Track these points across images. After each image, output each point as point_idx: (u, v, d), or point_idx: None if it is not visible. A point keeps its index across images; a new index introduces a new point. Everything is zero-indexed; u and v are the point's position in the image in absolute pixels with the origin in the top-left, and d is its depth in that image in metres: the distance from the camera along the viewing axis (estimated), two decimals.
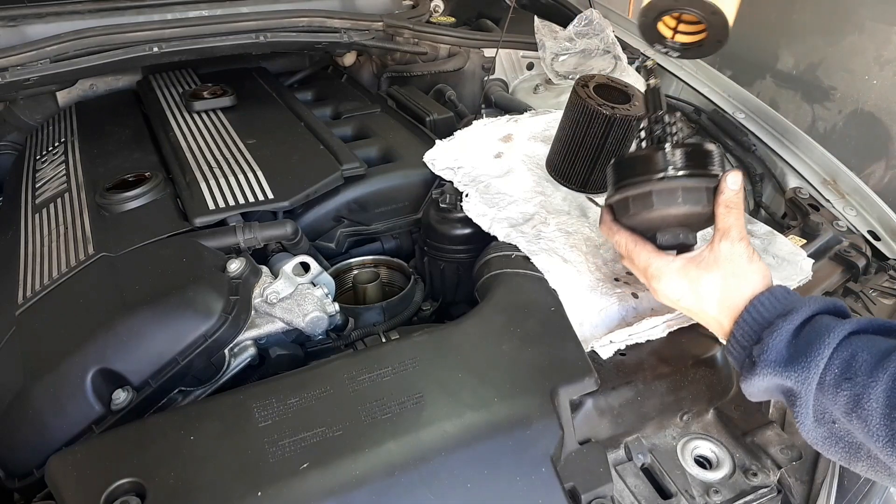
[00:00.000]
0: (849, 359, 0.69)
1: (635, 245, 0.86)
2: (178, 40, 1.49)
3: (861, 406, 0.67)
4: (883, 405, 0.65)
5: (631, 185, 0.83)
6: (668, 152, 0.81)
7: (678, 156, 0.81)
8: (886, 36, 2.38)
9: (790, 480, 0.91)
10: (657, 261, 0.85)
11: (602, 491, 0.79)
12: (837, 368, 0.69)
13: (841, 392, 0.69)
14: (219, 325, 0.89)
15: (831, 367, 0.70)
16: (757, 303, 0.78)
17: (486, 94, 1.74)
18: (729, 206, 0.81)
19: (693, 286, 0.82)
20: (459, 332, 0.90)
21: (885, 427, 0.65)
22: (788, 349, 0.73)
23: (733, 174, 0.81)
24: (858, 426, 0.68)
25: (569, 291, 0.97)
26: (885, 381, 0.65)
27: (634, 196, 0.83)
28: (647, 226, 0.87)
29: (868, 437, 0.67)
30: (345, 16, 1.67)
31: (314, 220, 1.24)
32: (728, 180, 0.81)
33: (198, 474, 0.71)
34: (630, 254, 0.87)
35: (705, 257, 0.82)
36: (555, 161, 1.18)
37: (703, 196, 0.82)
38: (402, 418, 0.77)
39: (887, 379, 0.65)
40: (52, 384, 0.84)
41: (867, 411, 0.66)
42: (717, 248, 0.81)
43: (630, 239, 0.87)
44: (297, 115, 1.50)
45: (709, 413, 0.97)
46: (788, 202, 1.28)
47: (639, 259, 0.86)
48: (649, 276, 0.86)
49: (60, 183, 1.25)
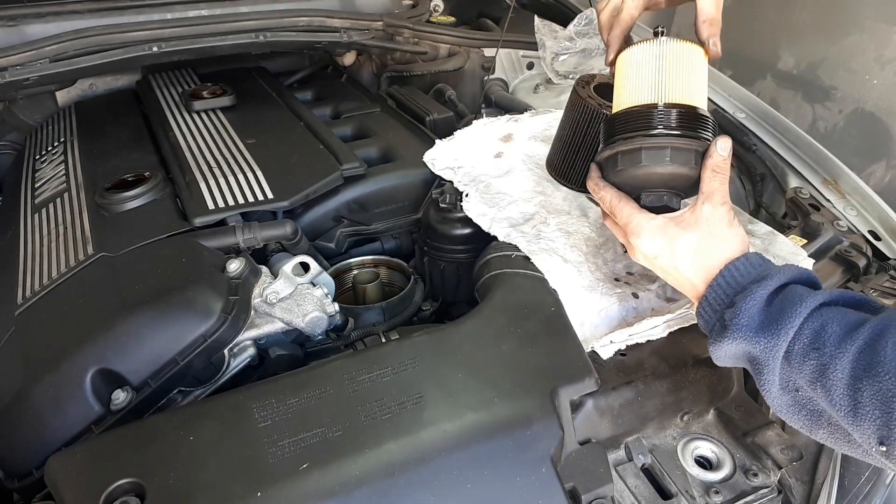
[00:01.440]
0: (818, 329, 0.70)
1: (619, 201, 0.87)
2: (177, 40, 1.49)
3: (826, 376, 0.68)
4: (848, 375, 0.67)
5: (621, 140, 0.84)
6: (662, 111, 0.81)
7: (672, 116, 0.81)
8: (887, 35, 2.38)
9: (791, 481, 0.91)
10: (638, 216, 0.85)
11: (602, 491, 0.79)
12: (807, 338, 0.70)
13: (808, 361, 0.70)
14: (218, 326, 0.89)
15: (801, 336, 0.71)
16: (732, 267, 0.79)
17: (486, 93, 1.74)
18: (716, 170, 0.81)
19: (670, 244, 0.83)
20: (459, 332, 0.89)
21: (848, 397, 0.66)
22: (760, 315, 0.74)
23: (723, 139, 0.81)
24: (822, 395, 0.69)
25: (569, 291, 0.97)
26: (852, 352, 0.67)
27: (623, 151, 0.84)
28: (633, 183, 0.87)
29: (831, 405, 0.68)
30: (344, 15, 1.67)
31: (314, 219, 1.24)
32: (718, 145, 0.81)
33: (197, 474, 0.70)
34: (613, 209, 0.88)
35: (686, 217, 0.83)
36: (555, 161, 1.18)
37: (691, 158, 0.82)
38: (401, 418, 0.77)
39: (854, 350, 0.67)
40: (51, 384, 0.84)
41: (832, 381, 0.68)
42: (698, 210, 0.82)
43: (615, 195, 0.88)
44: (296, 114, 1.50)
45: (709, 413, 0.97)
46: (789, 202, 1.28)
47: (621, 215, 0.87)
48: (629, 232, 0.86)
49: (60, 183, 1.25)
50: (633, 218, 0.85)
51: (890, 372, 0.64)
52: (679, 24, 3.66)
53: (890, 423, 0.63)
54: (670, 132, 0.81)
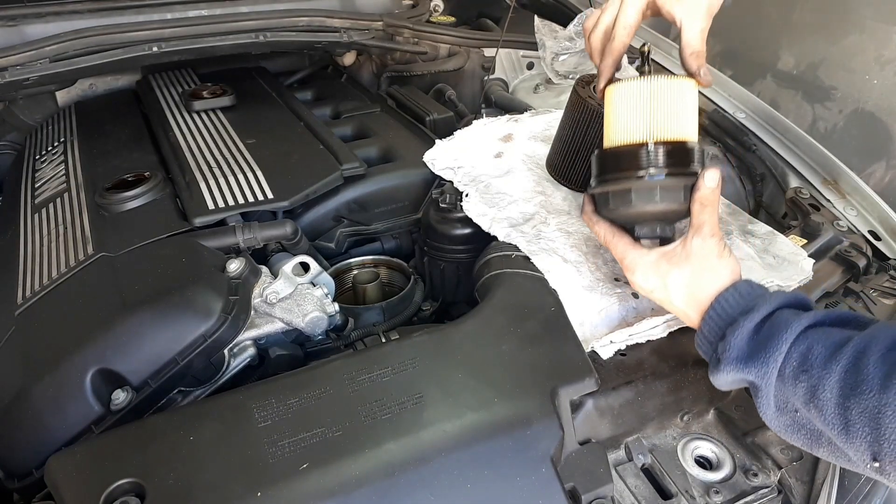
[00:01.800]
0: (805, 352, 0.71)
1: (612, 237, 0.90)
2: (177, 40, 1.49)
3: (817, 397, 0.69)
4: (836, 395, 0.68)
5: (611, 180, 0.85)
6: (652, 150, 0.82)
7: (661, 154, 0.82)
8: (887, 35, 2.38)
9: (791, 481, 0.91)
10: (632, 253, 0.88)
11: (602, 491, 0.79)
12: (795, 361, 0.72)
13: (799, 384, 0.71)
14: (218, 326, 0.89)
15: (789, 360, 0.72)
16: (721, 299, 0.81)
17: (486, 93, 1.74)
18: (704, 203, 0.83)
19: (663, 280, 0.85)
20: (459, 332, 0.89)
21: (839, 416, 0.68)
22: (749, 346, 0.76)
23: (711, 172, 0.82)
24: (816, 415, 0.71)
25: (569, 291, 0.97)
26: (838, 372, 0.68)
27: (614, 192, 0.86)
28: (625, 219, 0.90)
29: (825, 425, 0.70)
30: (344, 15, 1.67)
31: (314, 219, 1.24)
32: (705, 178, 0.82)
33: (197, 474, 0.70)
34: (608, 245, 0.91)
35: (677, 252, 0.85)
36: (555, 161, 1.18)
37: (680, 194, 0.84)
38: (401, 418, 0.77)
39: (840, 370, 0.68)
40: (51, 384, 0.84)
41: (822, 401, 0.69)
42: (688, 244, 0.84)
43: (608, 230, 0.91)
44: (296, 114, 1.50)
45: (709, 413, 0.97)
46: (789, 202, 1.28)
47: (615, 251, 0.90)
48: (624, 268, 0.90)
49: (60, 183, 1.25)
50: (628, 254, 0.88)
51: (874, 389, 0.65)
52: None
53: (880, 440, 0.64)
54: (659, 172, 0.82)
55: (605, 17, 0.94)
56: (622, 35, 0.91)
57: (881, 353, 0.66)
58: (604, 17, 0.94)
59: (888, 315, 1.03)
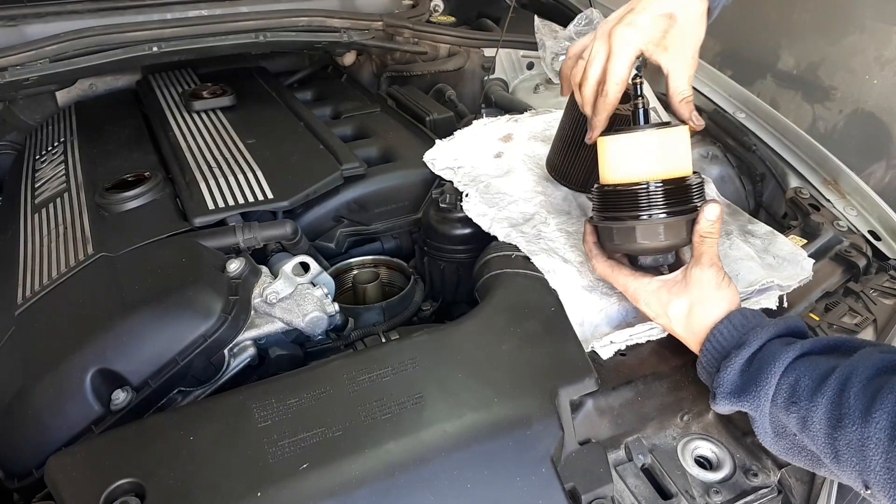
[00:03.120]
0: (793, 384, 0.74)
1: (612, 270, 0.93)
2: (177, 40, 1.49)
3: (808, 427, 0.72)
4: (825, 426, 0.70)
5: (614, 218, 0.89)
6: (653, 190, 0.85)
7: (661, 193, 0.85)
8: (887, 36, 2.38)
9: (791, 481, 0.91)
10: (634, 283, 0.91)
11: (602, 491, 0.79)
12: (785, 393, 0.75)
13: (790, 414, 0.74)
14: (218, 326, 0.89)
15: (780, 391, 0.75)
16: (716, 331, 0.84)
17: (486, 93, 1.73)
18: (704, 235, 0.85)
19: (664, 309, 0.88)
20: (459, 332, 0.89)
21: (829, 446, 0.70)
22: (741, 379, 0.79)
23: (711, 207, 0.85)
24: (810, 443, 0.73)
25: (569, 291, 0.97)
26: (824, 405, 0.70)
27: (619, 228, 0.89)
28: (629, 252, 0.93)
29: (819, 452, 0.72)
30: (344, 15, 1.67)
31: (314, 219, 1.24)
32: (706, 212, 0.85)
33: (197, 474, 0.70)
34: (608, 278, 0.94)
35: (677, 282, 0.87)
36: (555, 161, 1.18)
37: (683, 229, 0.87)
38: (402, 418, 0.77)
39: (825, 403, 0.70)
40: (51, 384, 0.84)
41: (813, 431, 0.71)
42: (689, 275, 0.86)
43: (607, 266, 0.94)
44: (296, 114, 1.50)
45: (709, 413, 0.97)
46: (789, 202, 1.28)
47: (616, 283, 0.93)
48: (628, 295, 0.93)
49: (60, 183, 1.25)
50: (630, 285, 0.91)
51: (856, 422, 0.67)
52: None
53: (867, 471, 0.66)
54: (662, 211, 0.85)
55: (592, 69, 0.91)
56: (615, 91, 0.90)
57: (861, 384, 0.68)
58: (592, 70, 0.91)
59: (888, 315, 1.03)
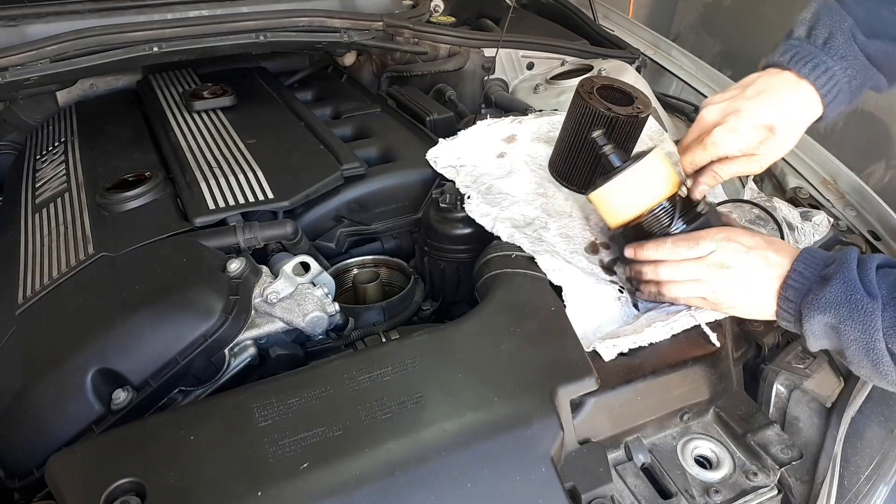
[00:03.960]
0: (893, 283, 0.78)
1: (676, 240, 0.94)
2: (177, 40, 1.49)
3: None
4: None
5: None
6: (663, 210, 0.94)
7: (673, 212, 0.94)
8: None
9: (790, 480, 0.91)
10: (702, 234, 0.93)
11: (602, 491, 0.79)
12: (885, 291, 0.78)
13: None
14: (219, 325, 0.89)
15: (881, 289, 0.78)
16: (806, 250, 0.86)
17: (487, 93, 1.74)
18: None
19: (746, 240, 0.90)
20: (459, 332, 0.90)
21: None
22: (852, 287, 0.80)
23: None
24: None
25: (570, 292, 0.97)
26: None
27: None
28: None
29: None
30: (345, 16, 1.67)
31: (314, 219, 1.24)
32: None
33: (198, 474, 0.71)
34: (679, 251, 0.94)
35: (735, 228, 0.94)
36: (557, 162, 1.18)
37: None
38: (402, 418, 0.77)
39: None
40: (52, 384, 0.84)
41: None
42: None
43: (667, 245, 0.95)
44: (297, 114, 1.50)
45: (709, 413, 0.97)
46: (789, 202, 1.28)
47: (690, 249, 0.93)
48: (712, 254, 0.91)
49: (60, 183, 1.25)
50: (699, 236, 0.92)
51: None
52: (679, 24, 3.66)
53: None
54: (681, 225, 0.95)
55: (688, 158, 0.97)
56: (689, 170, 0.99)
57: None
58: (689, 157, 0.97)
59: None
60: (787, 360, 1.04)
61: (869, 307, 0.77)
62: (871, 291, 0.78)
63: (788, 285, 0.85)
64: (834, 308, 0.80)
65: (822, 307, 0.81)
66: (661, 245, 0.93)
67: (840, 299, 0.79)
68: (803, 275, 0.84)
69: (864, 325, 0.78)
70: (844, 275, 0.80)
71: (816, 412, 0.99)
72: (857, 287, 0.79)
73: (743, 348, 1.05)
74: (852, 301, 0.78)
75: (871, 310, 0.77)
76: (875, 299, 0.77)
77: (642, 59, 1.82)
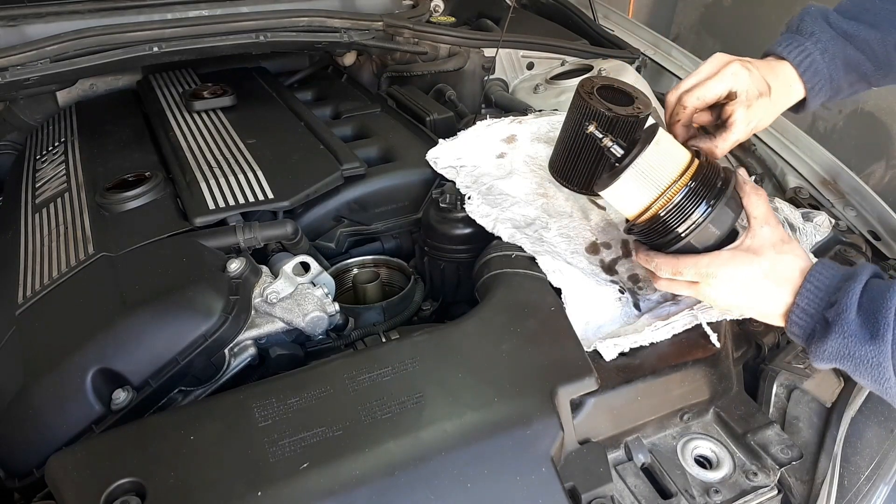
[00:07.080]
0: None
1: (678, 260, 0.88)
2: (178, 40, 1.49)
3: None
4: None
5: (662, 244, 0.89)
6: (675, 204, 0.86)
7: (687, 195, 0.86)
8: None
9: (790, 480, 0.91)
10: (704, 259, 0.86)
11: (602, 491, 0.79)
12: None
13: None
14: (219, 325, 0.89)
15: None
16: (815, 271, 0.82)
17: (487, 93, 1.74)
18: (751, 194, 0.87)
19: (747, 269, 0.84)
20: (459, 332, 0.90)
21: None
22: (860, 305, 0.76)
23: (740, 171, 0.89)
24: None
25: (571, 292, 0.97)
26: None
27: (677, 248, 0.89)
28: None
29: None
30: (345, 15, 1.67)
31: (314, 219, 1.24)
32: (739, 177, 0.89)
33: (198, 474, 0.71)
34: (677, 271, 0.88)
35: (748, 245, 0.86)
36: (557, 162, 1.18)
37: (728, 217, 0.87)
38: (402, 418, 0.77)
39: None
40: (52, 384, 0.84)
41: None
42: (758, 234, 0.86)
43: (669, 259, 0.89)
44: (297, 114, 1.50)
45: (709, 413, 0.97)
46: (788, 202, 1.28)
47: (688, 270, 0.87)
48: (706, 276, 0.86)
49: (60, 183, 1.25)
50: (701, 261, 0.86)
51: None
52: (679, 25, 3.66)
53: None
54: (702, 215, 0.86)
55: (692, 78, 0.95)
56: (692, 103, 0.94)
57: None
58: (689, 79, 0.95)
59: None
60: (787, 360, 1.04)
61: (874, 359, 0.74)
62: (877, 333, 0.74)
63: (792, 321, 0.83)
64: (839, 361, 0.78)
65: (826, 359, 0.79)
66: (651, 260, 0.91)
67: (843, 353, 0.77)
68: (806, 311, 0.81)
69: (874, 376, 0.75)
70: (843, 326, 0.76)
71: (816, 412, 0.99)
72: (857, 337, 0.75)
73: (743, 348, 1.05)
74: (856, 357, 0.76)
75: (877, 362, 0.74)
76: (880, 343, 0.73)
77: (642, 59, 1.82)
